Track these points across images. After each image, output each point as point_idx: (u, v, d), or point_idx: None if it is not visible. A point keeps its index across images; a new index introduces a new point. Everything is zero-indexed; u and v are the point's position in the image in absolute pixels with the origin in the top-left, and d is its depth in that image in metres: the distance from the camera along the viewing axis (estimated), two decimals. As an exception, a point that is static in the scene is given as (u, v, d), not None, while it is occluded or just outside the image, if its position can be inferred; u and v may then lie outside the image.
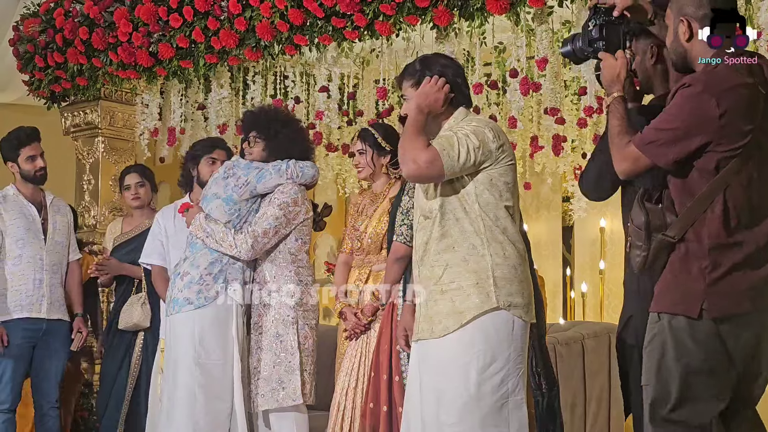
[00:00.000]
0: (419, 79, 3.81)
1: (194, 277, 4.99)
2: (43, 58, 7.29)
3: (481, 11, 5.33)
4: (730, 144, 3.10)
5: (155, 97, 7.36)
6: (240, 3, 6.06)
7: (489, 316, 3.65)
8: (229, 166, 5.17)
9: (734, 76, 3.14)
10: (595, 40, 3.53)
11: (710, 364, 3.12)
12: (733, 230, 3.12)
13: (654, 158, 3.18)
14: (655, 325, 3.22)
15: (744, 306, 3.12)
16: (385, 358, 4.59)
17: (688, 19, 3.24)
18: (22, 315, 5.79)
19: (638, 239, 3.23)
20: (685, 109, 3.13)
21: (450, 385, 3.66)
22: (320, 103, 6.66)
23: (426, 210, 3.80)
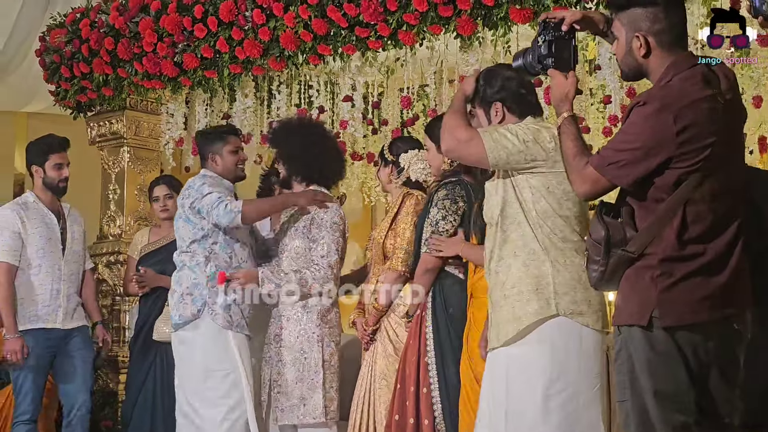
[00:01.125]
0: (482, 94, 3.84)
1: (179, 295, 5.04)
2: (69, 69, 7.33)
3: (505, 20, 5.32)
4: (690, 160, 3.04)
5: (180, 107, 7.39)
6: (264, 13, 6.07)
7: (551, 326, 3.60)
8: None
9: (691, 91, 3.08)
10: (545, 56, 3.45)
11: (673, 376, 3.05)
12: (686, 242, 3.05)
13: (615, 179, 3.11)
14: (618, 339, 3.16)
15: (700, 315, 3.04)
16: (412, 370, 4.56)
17: (644, 35, 3.17)
18: (37, 326, 5.73)
19: (596, 254, 3.15)
20: (644, 128, 3.05)
21: (516, 401, 3.62)
22: (344, 113, 6.67)
23: (489, 216, 3.78)
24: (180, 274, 5.06)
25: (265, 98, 7.19)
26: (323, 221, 5.04)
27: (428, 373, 4.50)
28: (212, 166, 5.20)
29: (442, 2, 5.36)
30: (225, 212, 4.90)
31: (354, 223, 9.84)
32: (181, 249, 5.08)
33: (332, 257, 5.01)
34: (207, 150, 5.24)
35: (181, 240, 5.09)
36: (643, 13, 3.18)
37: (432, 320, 4.54)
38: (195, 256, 5.01)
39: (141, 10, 6.80)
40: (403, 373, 4.59)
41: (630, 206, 3.15)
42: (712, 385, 3.09)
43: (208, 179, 5.09)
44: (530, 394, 3.58)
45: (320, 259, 5.00)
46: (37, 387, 5.75)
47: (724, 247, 3.08)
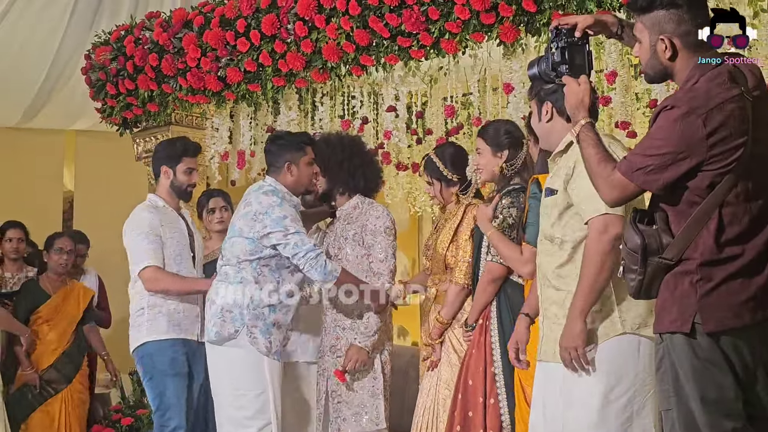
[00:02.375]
0: (537, 91, 3.83)
1: (218, 309, 4.87)
2: (115, 86, 7.39)
3: (548, 26, 5.26)
4: (722, 161, 3.00)
5: (225, 121, 7.42)
6: (306, 26, 6.08)
7: (612, 342, 3.56)
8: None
9: (718, 92, 3.03)
10: (558, 63, 3.44)
11: (719, 382, 3.01)
12: (723, 245, 3.01)
13: (644, 185, 3.09)
14: (660, 347, 3.12)
15: (743, 318, 3.00)
16: (478, 381, 4.50)
17: (668, 37, 3.14)
18: (179, 336, 5.36)
19: (633, 263, 3.12)
20: (672, 132, 3.02)
21: (573, 409, 3.58)
22: (388, 123, 6.66)
23: (548, 234, 3.73)
24: (221, 287, 4.89)
25: (308, 110, 7.19)
26: (377, 227, 5.06)
27: (495, 383, 4.45)
28: (284, 177, 4.95)
29: (484, 10, 5.33)
30: (323, 271, 4.74)
31: (400, 234, 9.84)
32: (229, 262, 4.91)
33: (391, 261, 5.05)
34: (282, 158, 4.95)
35: (231, 254, 4.89)
36: (667, 15, 3.16)
37: (498, 330, 4.49)
38: (242, 272, 4.85)
39: (184, 26, 6.84)
40: (466, 384, 4.53)
41: (664, 211, 3.12)
42: (760, 388, 3.06)
43: (285, 206, 4.84)
44: (588, 401, 3.55)
45: (379, 263, 5.02)
46: (181, 395, 5.35)
47: (762, 247, 3.04)
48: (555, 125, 3.81)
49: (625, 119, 5.70)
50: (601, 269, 3.48)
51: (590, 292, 3.50)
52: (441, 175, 5.03)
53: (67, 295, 7.07)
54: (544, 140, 3.93)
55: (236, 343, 4.80)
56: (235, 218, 4.97)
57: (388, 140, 6.74)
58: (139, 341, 5.32)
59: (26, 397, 6.77)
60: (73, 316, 7.09)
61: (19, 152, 10.09)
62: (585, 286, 3.50)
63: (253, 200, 4.85)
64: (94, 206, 10.28)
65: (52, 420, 6.86)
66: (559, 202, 3.69)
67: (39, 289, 6.97)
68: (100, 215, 9.84)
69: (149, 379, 5.32)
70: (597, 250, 3.48)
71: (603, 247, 3.47)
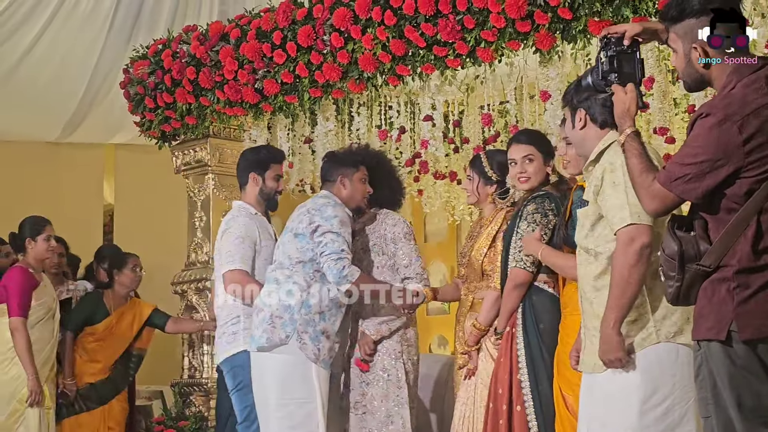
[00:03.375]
0: (570, 98, 3.82)
1: (267, 316, 4.89)
2: (153, 99, 7.43)
3: (584, 33, 5.25)
4: (760, 168, 2.98)
5: (263, 133, 7.43)
6: (342, 36, 6.09)
7: (649, 351, 3.55)
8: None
9: (754, 98, 3.00)
10: (608, 72, 3.43)
11: (756, 389, 2.98)
12: (761, 252, 2.98)
13: (683, 194, 3.07)
14: (698, 354, 3.10)
15: None
16: (505, 388, 4.49)
17: (702, 46, 3.12)
18: None
19: (671, 269, 3.10)
20: (709, 140, 3.00)
21: (612, 417, 3.57)
22: (425, 132, 6.65)
23: (584, 245, 3.73)
24: (271, 292, 4.91)
25: (345, 120, 7.20)
26: (396, 234, 5.19)
27: (521, 390, 4.43)
28: (338, 190, 5.10)
29: (520, 18, 5.31)
30: (338, 273, 4.82)
31: (440, 243, 9.87)
32: (282, 265, 4.93)
33: (416, 264, 5.19)
34: (337, 173, 5.13)
35: (285, 256, 4.94)
36: (698, 23, 3.14)
37: (523, 337, 4.47)
38: (294, 276, 4.88)
39: (221, 39, 6.87)
40: (495, 392, 4.53)
41: (703, 218, 3.10)
42: None
43: (339, 208, 4.96)
44: (627, 411, 3.53)
45: (405, 269, 5.16)
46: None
47: None
48: (588, 132, 3.79)
49: (663, 125, 5.66)
50: (629, 281, 3.46)
51: (620, 304, 3.49)
52: (482, 171, 5.06)
53: (123, 314, 7.03)
54: (579, 147, 3.92)
55: (286, 350, 4.82)
56: (288, 223, 5.05)
57: (425, 149, 6.74)
58: (233, 350, 5.25)
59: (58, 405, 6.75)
60: (127, 336, 7.04)
61: (59, 167, 10.18)
62: (614, 298, 3.50)
63: (308, 202, 5.01)
64: (134, 219, 10.36)
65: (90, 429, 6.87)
66: (590, 213, 3.69)
67: (102, 304, 6.98)
68: (141, 229, 9.92)
69: (239, 390, 5.26)
70: (624, 263, 3.47)
71: (629, 259, 3.46)
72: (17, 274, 6.40)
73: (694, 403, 3.53)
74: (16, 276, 6.39)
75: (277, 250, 5.03)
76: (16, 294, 6.31)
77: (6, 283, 6.38)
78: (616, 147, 3.65)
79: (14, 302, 6.29)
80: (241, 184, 5.57)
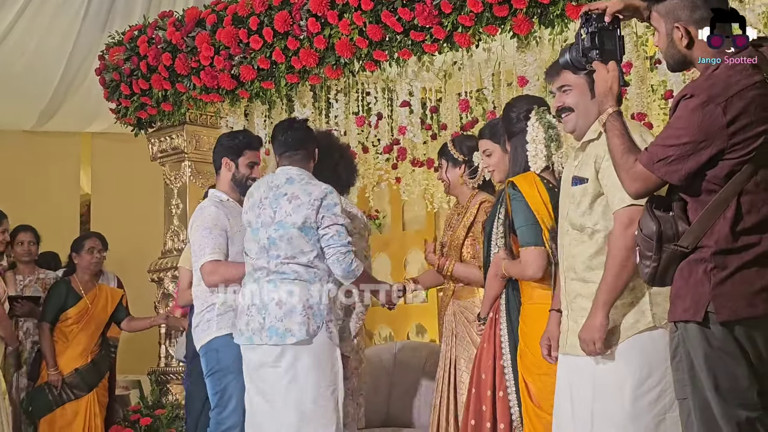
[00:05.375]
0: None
1: (301, 309, 4.74)
2: (129, 86, 7.39)
3: (561, 18, 5.24)
4: (742, 150, 2.97)
5: (239, 120, 7.40)
6: (319, 22, 6.06)
7: (644, 335, 3.53)
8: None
9: (738, 79, 2.99)
10: (589, 49, 3.37)
11: (732, 371, 2.98)
12: (739, 233, 2.98)
13: (665, 176, 3.05)
14: (675, 336, 3.10)
15: (757, 308, 2.97)
16: (488, 374, 4.47)
17: (683, 26, 3.11)
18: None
19: (648, 249, 3.10)
20: (691, 121, 2.99)
21: (604, 402, 3.55)
22: (403, 119, 6.63)
23: (578, 224, 3.69)
24: (293, 287, 4.76)
25: (323, 107, 7.17)
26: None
27: (504, 376, 4.42)
28: (309, 167, 4.99)
29: (498, 2, 5.30)
30: (347, 268, 4.76)
31: (418, 231, 9.85)
32: (297, 260, 4.77)
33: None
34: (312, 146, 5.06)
35: (296, 250, 4.77)
36: (681, 3, 3.13)
37: (506, 323, 4.46)
38: (315, 269, 4.78)
39: (197, 25, 6.84)
40: (479, 378, 4.51)
41: (682, 199, 3.09)
42: None
43: (336, 196, 4.86)
44: (618, 395, 3.52)
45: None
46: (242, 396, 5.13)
47: None
48: (590, 109, 3.73)
49: (641, 111, 5.65)
50: (625, 264, 3.44)
51: (614, 286, 3.47)
52: (449, 155, 5.07)
53: (96, 297, 7.09)
54: (584, 117, 3.80)
55: (314, 340, 4.74)
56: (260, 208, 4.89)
57: (403, 136, 6.71)
58: (207, 338, 5.20)
59: (46, 396, 6.80)
60: (102, 319, 7.12)
61: (35, 156, 10.13)
62: (609, 279, 3.47)
63: (300, 192, 4.82)
64: (111, 208, 10.32)
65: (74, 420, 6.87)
66: (590, 191, 3.64)
67: (71, 290, 7.01)
68: (118, 217, 9.88)
69: (212, 374, 5.19)
70: (621, 245, 3.45)
71: (627, 241, 3.43)
72: None
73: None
74: None
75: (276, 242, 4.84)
76: None
77: None
78: None
79: None
80: (216, 169, 5.49)
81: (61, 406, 6.85)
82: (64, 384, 6.83)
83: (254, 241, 4.85)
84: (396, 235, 10.02)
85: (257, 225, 4.85)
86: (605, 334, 3.49)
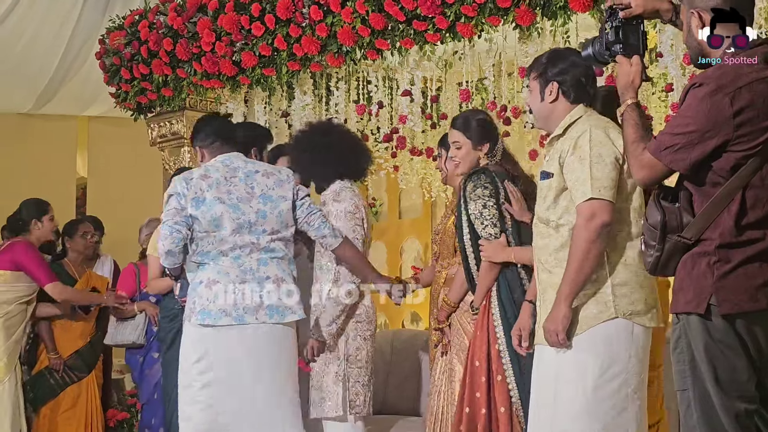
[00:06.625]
0: (542, 71, 3.83)
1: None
2: (129, 70, 7.39)
3: (564, 9, 5.25)
4: (748, 143, 2.99)
5: (239, 106, 7.41)
6: (321, 9, 6.06)
7: (606, 325, 3.58)
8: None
9: (749, 71, 3.01)
10: (613, 43, 3.41)
11: (732, 363, 3.01)
12: (744, 227, 3.00)
13: (671, 164, 3.07)
14: (677, 327, 3.13)
15: (759, 302, 3.00)
16: (482, 361, 4.48)
17: (699, 11, 3.12)
18: None
19: (652, 239, 3.13)
20: (699, 110, 3.00)
21: (566, 390, 3.61)
22: (403, 107, 6.64)
23: (544, 217, 3.75)
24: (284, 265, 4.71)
25: (323, 95, 7.19)
26: (338, 212, 5.08)
27: (501, 360, 4.44)
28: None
29: (501, -7, 5.32)
30: (333, 227, 4.91)
31: (415, 219, 9.87)
32: (281, 235, 4.73)
33: None
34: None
35: (283, 224, 4.75)
36: None
37: (499, 309, 4.48)
38: (292, 245, 4.81)
39: (199, 10, 6.82)
40: (472, 365, 4.51)
41: (688, 191, 3.11)
42: None
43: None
44: (580, 384, 3.58)
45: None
46: None
47: None
48: (558, 106, 3.81)
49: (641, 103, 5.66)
50: (587, 256, 3.51)
51: (576, 279, 3.53)
52: (447, 145, 5.06)
53: (88, 280, 7.09)
54: (543, 121, 3.92)
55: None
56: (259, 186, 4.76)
57: (403, 125, 6.73)
58: None
59: (47, 381, 6.79)
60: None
61: (32, 138, 10.11)
62: (571, 272, 3.54)
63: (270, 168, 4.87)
64: (107, 192, 10.32)
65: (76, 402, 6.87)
66: (554, 186, 3.70)
67: (66, 274, 6.98)
68: (114, 201, 9.88)
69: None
70: (583, 237, 3.51)
71: (589, 234, 3.50)
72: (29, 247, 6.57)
73: (645, 379, 3.63)
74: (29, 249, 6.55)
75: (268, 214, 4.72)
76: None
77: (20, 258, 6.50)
78: (583, 121, 3.69)
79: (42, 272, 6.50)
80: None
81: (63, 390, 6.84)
82: (65, 367, 6.84)
83: (231, 218, 4.61)
84: (392, 224, 10.04)
85: (233, 201, 4.64)
86: (568, 325, 3.55)
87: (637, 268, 3.59)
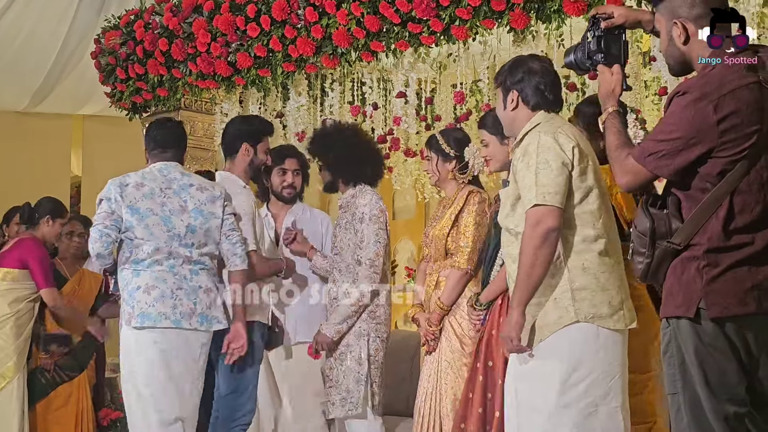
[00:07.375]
0: (503, 79, 3.90)
1: (217, 298, 4.96)
2: (125, 70, 7.39)
3: (558, 13, 5.27)
4: (734, 149, 3.00)
5: (234, 107, 7.42)
6: (317, 11, 6.07)
7: (569, 329, 3.62)
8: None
9: (732, 78, 3.03)
10: (594, 52, 3.46)
11: (722, 367, 3.03)
12: (732, 232, 3.02)
13: (655, 170, 3.10)
14: (667, 331, 3.14)
15: (748, 306, 3.01)
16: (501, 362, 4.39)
17: (682, 22, 3.14)
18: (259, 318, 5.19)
19: (641, 246, 3.15)
20: (683, 117, 3.02)
21: (533, 396, 3.65)
22: (397, 109, 6.66)
23: (505, 225, 3.82)
24: (211, 277, 4.92)
25: (318, 96, 7.19)
26: (363, 215, 5.19)
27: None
28: (182, 162, 5.21)
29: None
30: (244, 252, 5.04)
31: (408, 220, 9.89)
32: (207, 249, 4.91)
33: (372, 249, 5.13)
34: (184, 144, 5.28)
35: (209, 239, 4.92)
36: (680, 1, 3.15)
37: None
38: (215, 260, 4.99)
39: (194, 11, 6.83)
40: (485, 365, 4.45)
41: (676, 197, 3.13)
42: (763, 376, 3.08)
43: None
44: (546, 388, 3.62)
45: (360, 251, 5.17)
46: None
47: None
48: (519, 114, 3.88)
49: (634, 107, 5.69)
50: (534, 262, 3.55)
51: (526, 284, 3.57)
52: (439, 149, 5.12)
53: (81, 279, 7.10)
54: (508, 129, 3.99)
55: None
56: (192, 201, 4.93)
57: (397, 126, 6.75)
58: None
59: (38, 380, 6.80)
60: (89, 299, 7.11)
61: (26, 137, 10.12)
62: (521, 278, 3.58)
63: (204, 183, 5.04)
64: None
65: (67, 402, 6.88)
66: (511, 194, 3.77)
67: (57, 273, 6.97)
68: (108, 200, 9.85)
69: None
70: (529, 244, 3.56)
71: (534, 241, 3.54)
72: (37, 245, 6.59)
73: (618, 381, 3.63)
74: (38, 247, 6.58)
75: (198, 229, 4.92)
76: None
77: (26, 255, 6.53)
78: (537, 130, 3.73)
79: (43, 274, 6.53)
80: (229, 154, 5.38)
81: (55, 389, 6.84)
82: (56, 367, 6.84)
83: (163, 230, 4.82)
84: (386, 225, 10.03)
85: (165, 213, 4.85)
86: (521, 330, 3.59)
87: (597, 271, 3.63)
